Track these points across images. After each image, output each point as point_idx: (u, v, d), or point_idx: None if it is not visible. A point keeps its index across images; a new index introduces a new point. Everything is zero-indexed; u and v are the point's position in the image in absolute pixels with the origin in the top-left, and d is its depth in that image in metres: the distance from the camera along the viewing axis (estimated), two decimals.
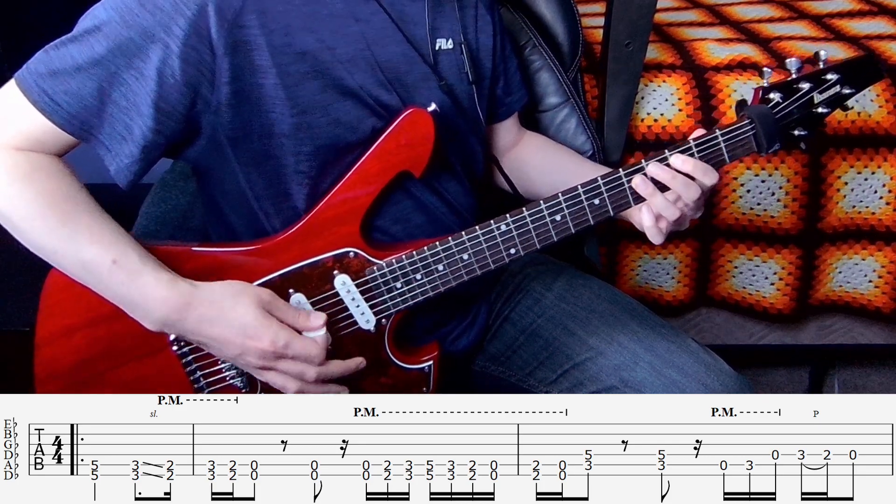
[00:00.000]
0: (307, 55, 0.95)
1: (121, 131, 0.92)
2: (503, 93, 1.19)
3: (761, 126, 0.98)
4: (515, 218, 0.98)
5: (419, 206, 1.04)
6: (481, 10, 1.12)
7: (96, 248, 0.91)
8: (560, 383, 1.09)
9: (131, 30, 0.89)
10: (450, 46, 1.06)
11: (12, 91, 0.91)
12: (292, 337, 0.94)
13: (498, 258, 0.99)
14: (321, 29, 0.96)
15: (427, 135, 0.98)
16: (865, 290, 1.58)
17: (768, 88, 1.00)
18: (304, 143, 0.97)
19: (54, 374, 1.00)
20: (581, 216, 0.98)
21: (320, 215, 0.99)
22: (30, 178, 0.91)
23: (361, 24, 0.98)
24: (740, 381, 1.04)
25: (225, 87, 0.92)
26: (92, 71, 0.89)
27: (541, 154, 1.24)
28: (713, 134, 0.98)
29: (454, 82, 1.06)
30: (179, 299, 0.92)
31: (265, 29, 0.92)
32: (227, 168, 0.99)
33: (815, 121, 1.01)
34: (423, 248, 0.99)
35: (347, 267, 1.00)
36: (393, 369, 1.05)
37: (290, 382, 0.96)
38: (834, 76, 0.99)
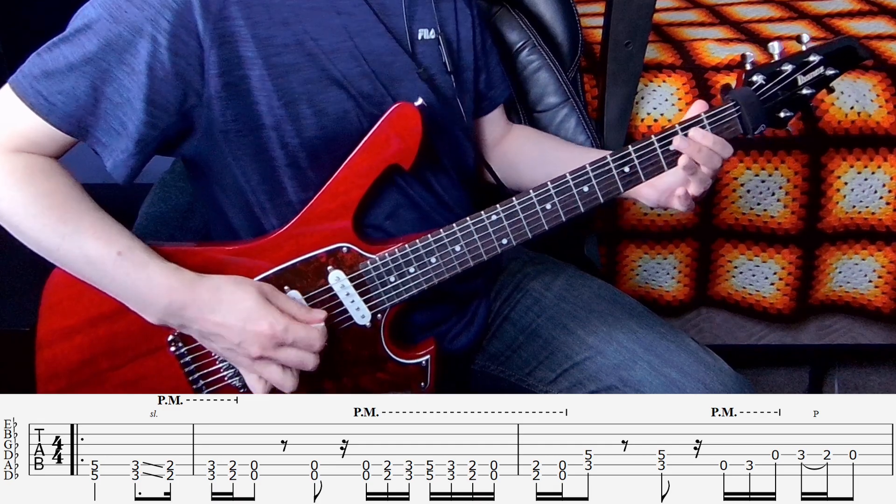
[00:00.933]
0: (291, 46, 0.96)
1: (116, 127, 0.93)
2: (486, 86, 1.20)
3: (746, 108, 1.00)
4: (505, 208, 0.99)
5: (410, 201, 1.05)
6: (460, 3, 1.13)
7: (100, 242, 0.92)
8: (559, 383, 1.09)
9: (120, 25, 0.90)
10: (431, 36, 1.07)
11: (7, 95, 0.93)
12: (292, 322, 0.95)
13: (490, 249, 1.00)
14: (304, 21, 0.97)
15: (415, 128, 0.99)
16: (865, 290, 1.58)
17: (751, 71, 1.01)
18: (292, 136, 0.98)
19: (56, 373, 1.01)
20: (571, 204, 0.99)
21: (313, 211, 1.00)
22: (28, 179, 0.92)
23: (344, 17, 1.00)
24: (740, 381, 1.04)
25: (214, 80, 0.93)
26: (85, 69, 0.91)
27: (530, 145, 1.24)
28: (698, 117, 1.00)
29: (435, 73, 1.07)
30: (184, 287, 0.93)
31: (250, 21, 0.94)
32: (222, 163, 1.00)
33: (801, 101, 1.02)
34: (416, 241, 1.00)
35: (341, 262, 1.00)
36: (390, 365, 1.05)
37: (289, 378, 0.96)
38: (816, 58, 1.01)
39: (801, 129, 1.49)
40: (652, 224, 1.55)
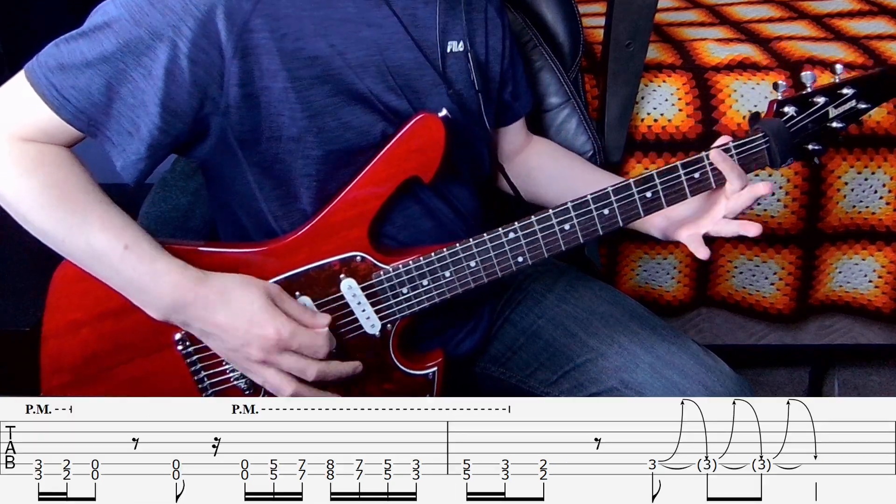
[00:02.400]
0: (318, 60, 0.94)
1: (128, 128, 0.92)
2: (511, 97, 1.19)
3: (775, 140, 0.97)
4: (523, 225, 0.97)
5: (426, 211, 1.04)
6: (491, 12, 1.11)
7: (108, 234, 0.91)
8: (560, 384, 1.09)
9: (140, 28, 0.89)
10: (461, 49, 1.06)
11: (21, 82, 0.91)
12: (297, 328, 0.94)
13: (505, 266, 0.99)
14: (332, 34, 0.95)
15: (438, 140, 0.97)
16: (865, 290, 1.59)
17: (783, 102, 0.98)
18: (314, 147, 0.96)
19: (60, 368, 1.00)
20: (590, 226, 0.98)
21: (329, 218, 0.99)
22: (38, 168, 0.91)
23: (373, 30, 0.98)
24: (740, 383, 1.04)
25: (234, 90, 0.92)
26: (101, 67, 0.90)
27: (550, 160, 1.24)
28: (725, 146, 0.97)
29: (463, 87, 1.06)
30: (190, 284, 0.92)
31: (275, 34, 0.92)
32: (235, 168, 0.99)
33: (829, 135, 0.99)
34: (431, 254, 0.98)
35: (354, 271, 0.99)
36: (397, 375, 1.04)
37: (287, 383, 0.95)
38: (850, 91, 0.98)
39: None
40: None
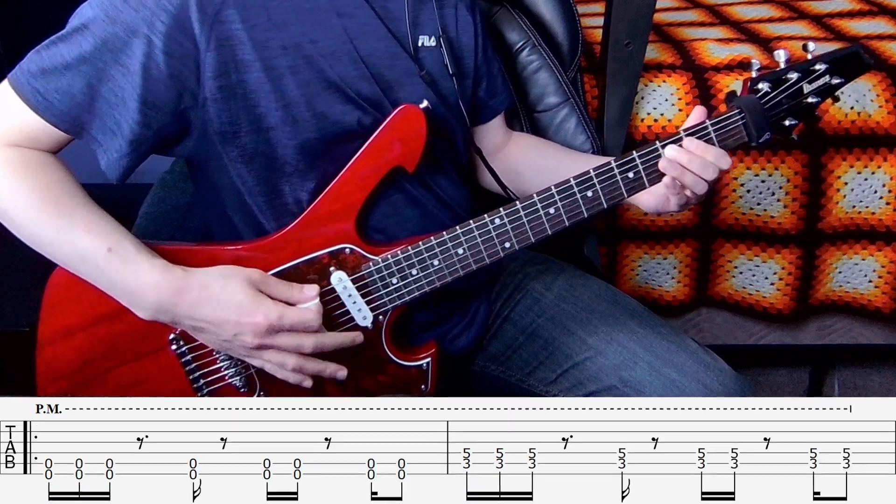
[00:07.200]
0: (290, 49, 0.96)
1: (111, 126, 0.94)
2: (486, 94, 1.19)
3: (751, 116, 1.00)
4: (509, 211, 0.99)
5: (411, 200, 1.05)
6: (461, 10, 1.13)
7: (91, 237, 0.93)
8: (560, 383, 1.09)
9: (116, 25, 0.91)
10: (432, 44, 1.07)
11: (5, 91, 0.94)
12: (285, 308, 0.95)
13: (493, 252, 1.00)
14: (304, 22, 0.97)
15: (419, 130, 0.99)
16: (865, 290, 1.58)
17: (756, 79, 1.01)
18: (291, 137, 0.98)
19: (56, 374, 1.01)
20: (575, 209, 0.99)
21: (316, 212, 1.00)
22: (24, 172, 0.93)
23: (344, 19, 1.00)
24: (740, 381, 1.04)
25: (210, 82, 0.94)
26: (81, 68, 0.92)
27: (533, 152, 1.24)
28: (703, 124, 0.99)
29: (436, 78, 1.07)
30: (173, 283, 0.93)
31: (247, 24, 0.94)
32: (219, 163, 1.00)
33: (806, 110, 1.02)
34: (419, 243, 1.00)
35: (343, 263, 1.00)
36: (391, 367, 1.05)
37: (288, 359, 0.96)
38: (822, 66, 1.00)
39: (801, 129, 1.49)
40: (652, 224, 1.55)
